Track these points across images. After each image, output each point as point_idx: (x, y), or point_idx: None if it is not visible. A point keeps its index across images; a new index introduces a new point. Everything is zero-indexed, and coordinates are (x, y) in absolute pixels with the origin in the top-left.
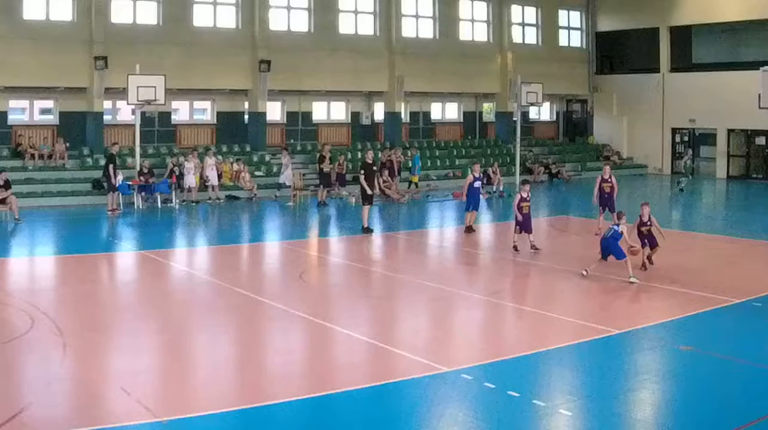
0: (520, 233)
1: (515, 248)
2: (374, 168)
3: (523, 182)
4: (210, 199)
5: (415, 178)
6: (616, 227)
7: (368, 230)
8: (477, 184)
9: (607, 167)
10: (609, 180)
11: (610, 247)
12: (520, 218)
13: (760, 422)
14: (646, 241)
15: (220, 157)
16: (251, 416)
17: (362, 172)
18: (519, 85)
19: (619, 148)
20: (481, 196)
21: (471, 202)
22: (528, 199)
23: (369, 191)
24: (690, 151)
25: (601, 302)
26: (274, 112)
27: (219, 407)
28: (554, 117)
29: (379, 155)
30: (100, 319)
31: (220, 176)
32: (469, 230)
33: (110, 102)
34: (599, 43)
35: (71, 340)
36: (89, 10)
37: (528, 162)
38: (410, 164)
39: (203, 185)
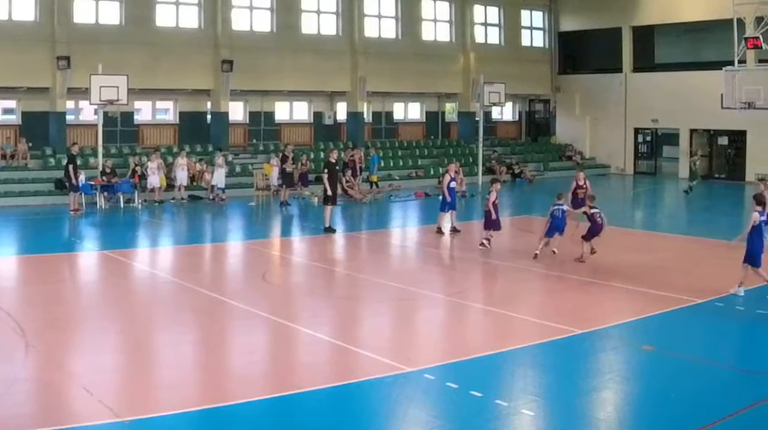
0: (489, 229)
1: (483, 243)
2: (337, 168)
3: (494, 181)
4: (174, 199)
5: (375, 178)
6: (562, 207)
7: (331, 230)
8: (453, 184)
9: (581, 174)
10: (583, 186)
11: (558, 225)
12: (494, 216)
13: (723, 423)
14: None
15: (194, 157)
16: (214, 416)
17: (326, 171)
18: (481, 85)
19: (581, 148)
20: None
21: (448, 203)
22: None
23: (330, 192)
24: (699, 152)
25: (564, 302)
26: (237, 112)
27: (182, 407)
28: (517, 117)
29: (342, 155)
30: (63, 319)
31: (193, 178)
32: (440, 231)
33: (73, 102)
34: (562, 43)
35: (33, 340)
36: (52, 10)
37: (490, 162)
38: (369, 164)
39: (169, 185)
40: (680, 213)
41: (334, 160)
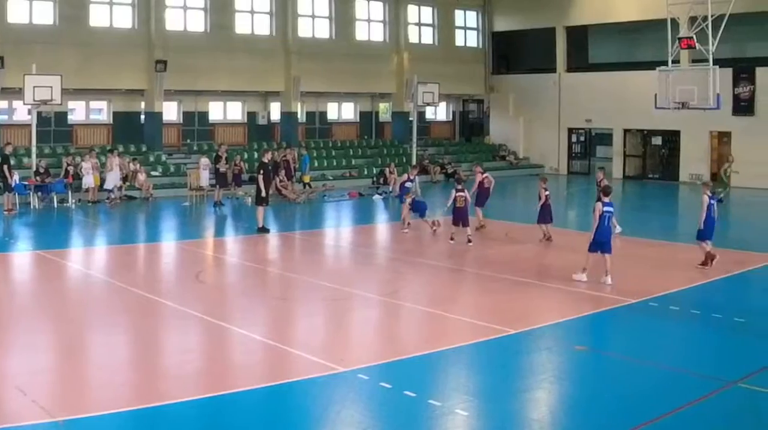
0: (457, 225)
1: (468, 241)
2: (270, 168)
3: (458, 180)
4: (108, 199)
5: (307, 178)
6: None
7: (264, 230)
8: (408, 184)
9: (543, 182)
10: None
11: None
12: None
13: (656, 423)
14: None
15: (128, 157)
16: (148, 416)
17: (261, 172)
18: (415, 85)
19: (515, 148)
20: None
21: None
22: (463, 190)
23: (264, 193)
24: (732, 156)
25: (497, 302)
26: (171, 112)
27: (116, 407)
28: (450, 117)
29: (276, 155)
30: None
31: (126, 178)
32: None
33: (6, 102)
34: (496, 43)
35: None
36: None
37: (424, 162)
38: (301, 165)
39: (102, 185)
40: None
41: (267, 161)
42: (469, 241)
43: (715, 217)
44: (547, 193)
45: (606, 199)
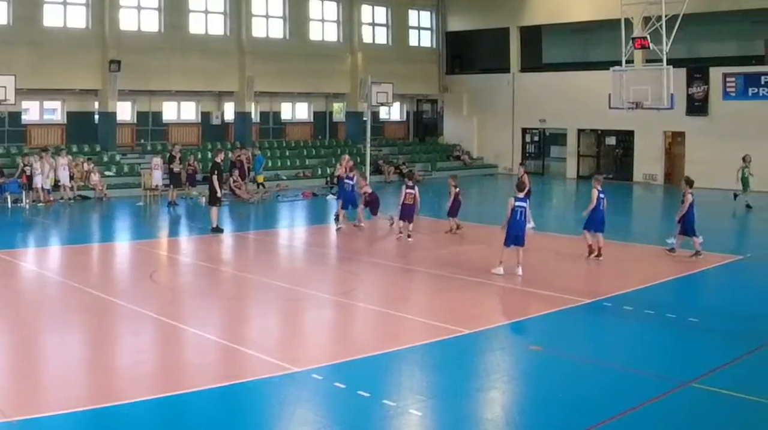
0: (404, 220)
1: (408, 236)
2: (223, 167)
3: (409, 175)
4: (62, 199)
5: (261, 178)
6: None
7: (218, 230)
8: (348, 181)
9: (453, 179)
10: (456, 186)
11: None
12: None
13: (610, 423)
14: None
15: (70, 156)
16: (102, 416)
17: (215, 172)
18: (369, 85)
19: (469, 148)
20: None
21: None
22: (413, 187)
23: (219, 193)
24: (749, 158)
25: (452, 302)
26: (125, 112)
27: (70, 407)
28: (404, 117)
29: (230, 155)
30: None
31: (72, 177)
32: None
33: None
34: (449, 43)
35: None
36: None
37: (378, 162)
38: (254, 165)
39: (56, 185)
40: (567, 213)
41: (220, 160)
42: (409, 236)
43: (604, 210)
44: (456, 190)
45: (520, 195)
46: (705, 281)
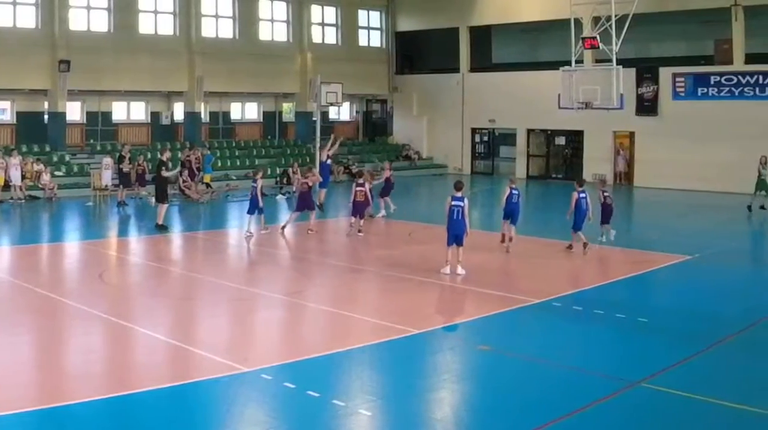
0: (355, 216)
1: (359, 231)
2: (170, 165)
3: (359, 174)
4: (11, 199)
5: (208, 178)
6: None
7: (163, 228)
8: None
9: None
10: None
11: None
12: (369, 202)
13: (558, 423)
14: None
15: (20, 157)
16: (51, 416)
17: (163, 169)
18: (318, 85)
19: (419, 147)
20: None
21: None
22: (363, 185)
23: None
24: (765, 158)
25: (401, 302)
26: (74, 112)
27: (19, 407)
28: (354, 117)
29: (179, 155)
30: None
31: (23, 176)
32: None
33: None
34: (399, 43)
35: None
36: None
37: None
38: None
39: (6, 185)
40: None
41: (166, 158)
42: (360, 231)
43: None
44: (390, 173)
45: (457, 194)
46: (654, 281)
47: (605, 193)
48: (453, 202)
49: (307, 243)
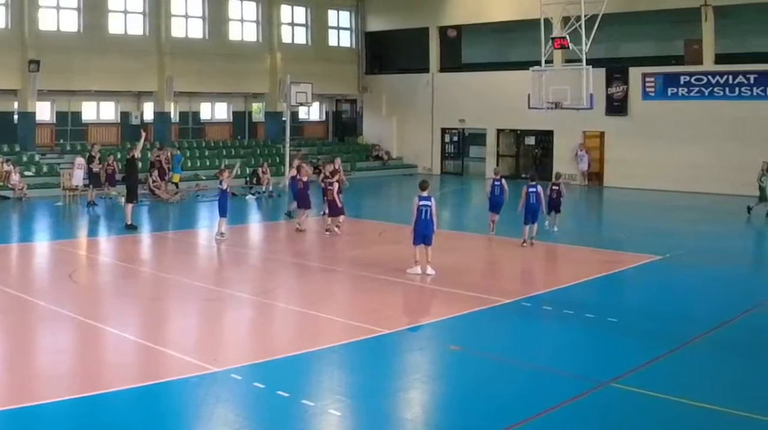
0: (332, 216)
1: (330, 229)
2: (138, 164)
3: (333, 173)
4: None
5: (177, 178)
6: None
7: (132, 227)
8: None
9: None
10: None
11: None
12: (339, 204)
13: (529, 423)
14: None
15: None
16: (21, 416)
17: (132, 167)
18: (288, 85)
19: (388, 147)
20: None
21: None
22: (332, 184)
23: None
24: (766, 164)
25: (371, 302)
26: (44, 112)
27: None
28: (324, 117)
29: (149, 155)
30: None
31: None
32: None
33: None
34: (369, 43)
35: None
36: None
37: (296, 161)
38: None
39: None
40: (485, 213)
41: (135, 156)
42: (338, 226)
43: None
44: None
45: (423, 194)
46: (624, 281)
47: (554, 187)
48: (421, 202)
49: (276, 243)
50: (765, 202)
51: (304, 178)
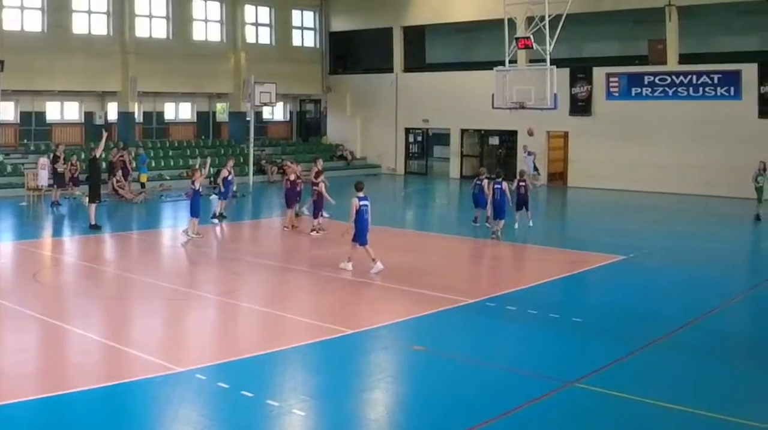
0: (316, 217)
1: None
2: (101, 164)
3: (317, 174)
4: None
5: (144, 178)
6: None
7: (96, 227)
8: (230, 177)
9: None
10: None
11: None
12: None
13: (492, 423)
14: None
15: None
16: None
17: (95, 167)
18: (252, 85)
19: (352, 147)
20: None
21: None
22: (317, 184)
23: (97, 189)
24: (764, 164)
25: (335, 302)
26: (7, 112)
27: None
28: (288, 117)
29: (110, 155)
30: None
31: None
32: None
33: None
34: (333, 43)
35: None
36: None
37: (261, 162)
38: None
39: None
40: (450, 213)
41: (97, 156)
42: (321, 228)
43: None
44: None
45: (361, 194)
46: (588, 281)
47: (521, 183)
48: (361, 203)
49: (240, 243)
50: (759, 201)
51: (291, 177)
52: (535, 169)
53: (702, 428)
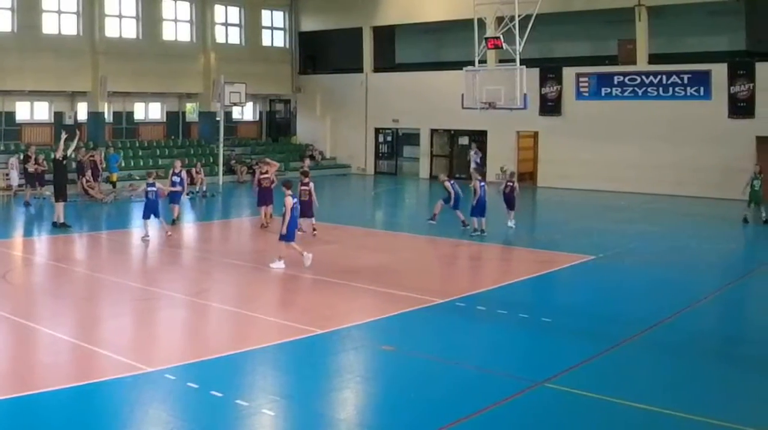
0: (303, 217)
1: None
2: (65, 163)
3: (305, 174)
4: None
5: (114, 177)
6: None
7: (64, 226)
8: (175, 178)
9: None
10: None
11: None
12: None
13: (462, 423)
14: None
15: None
16: None
17: (59, 167)
18: (222, 85)
19: (322, 147)
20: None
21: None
22: (307, 184)
23: (62, 188)
24: (758, 167)
25: (304, 302)
26: None
27: None
28: (257, 117)
29: (74, 155)
30: None
31: None
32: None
33: None
34: (303, 43)
35: None
36: None
37: (231, 162)
38: (110, 164)
39: None
40: (420, 213)
41: (60, 157)
42: (314, 230)
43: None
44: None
45: (290, 192)
46: (558, 281)
47: (509, 183)
48: (294, 201)
49: (210, 242)
50: (757, 205)
51: (272, 177)
52: (478, 165)
53: (671, 428)
